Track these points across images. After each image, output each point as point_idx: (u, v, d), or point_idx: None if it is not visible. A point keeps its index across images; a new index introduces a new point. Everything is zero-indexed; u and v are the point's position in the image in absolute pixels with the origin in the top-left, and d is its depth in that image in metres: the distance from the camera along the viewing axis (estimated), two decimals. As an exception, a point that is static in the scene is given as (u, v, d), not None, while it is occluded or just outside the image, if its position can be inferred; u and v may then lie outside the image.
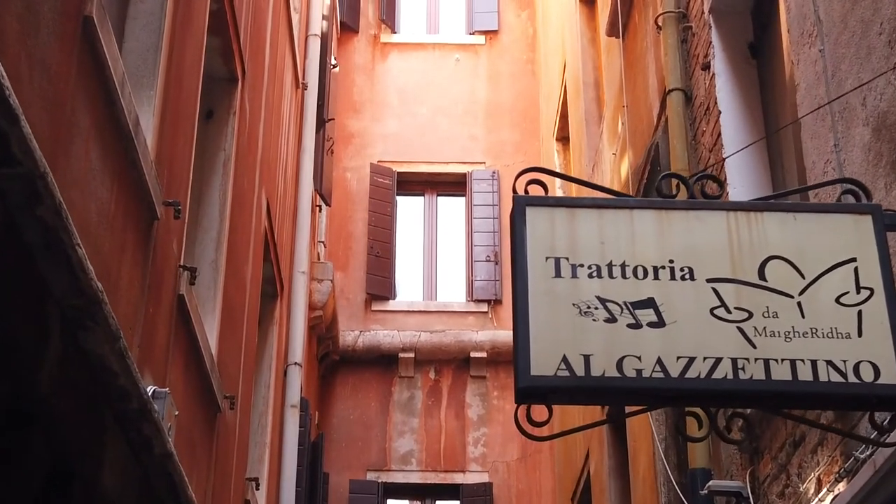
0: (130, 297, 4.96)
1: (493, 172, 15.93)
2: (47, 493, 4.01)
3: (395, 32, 16.99)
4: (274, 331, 10.15)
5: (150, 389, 5.02)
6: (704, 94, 6.96)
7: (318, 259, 13.54)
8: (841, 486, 4.63)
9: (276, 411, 10.15)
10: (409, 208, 16.20)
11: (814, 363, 3.41)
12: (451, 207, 16.23)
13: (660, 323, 3.40)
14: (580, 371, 3.31)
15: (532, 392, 3.32)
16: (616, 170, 9.70)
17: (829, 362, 3.42)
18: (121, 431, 4.63)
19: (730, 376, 3.38)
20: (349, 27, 16.71)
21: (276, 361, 10.10)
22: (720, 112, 6.63)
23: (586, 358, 3.32)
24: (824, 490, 4.84)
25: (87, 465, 4.35)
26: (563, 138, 14.16)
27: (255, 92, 8.62)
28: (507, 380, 14.88)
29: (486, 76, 16.67)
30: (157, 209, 5.29)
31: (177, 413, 5.41)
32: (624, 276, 3.46)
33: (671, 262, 3.50)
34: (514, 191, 3.57)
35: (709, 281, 3.50)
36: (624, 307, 3.42)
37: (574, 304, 3.40)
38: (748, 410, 4.26)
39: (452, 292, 15.61)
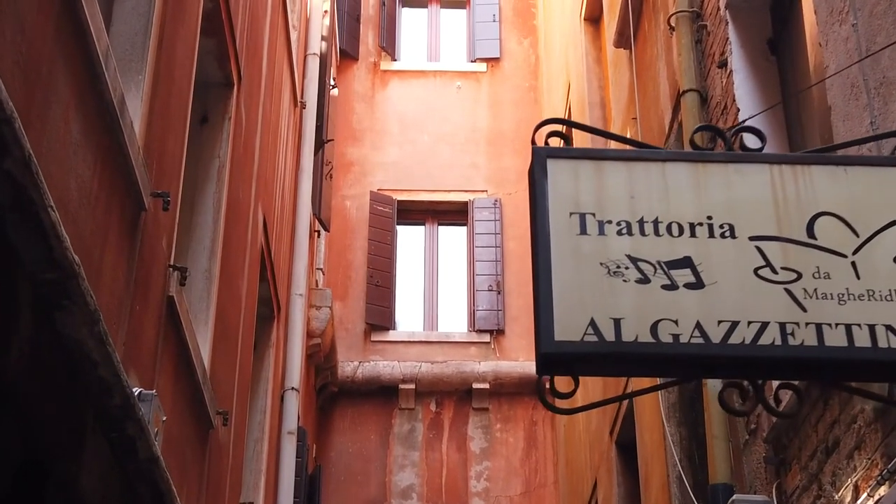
0: (115, 290, 4.62)
1: (496, 200, 15.61)
2: (17, 491, 3.65)
3: (395, 60, 16.72)
4: (270, 354, 9.79)
5: (135, 391, 4.67)
6: (721, 93, 6.64)
7: (317, 286, 13.18)
8: (882, 490, 4.27)
9: (272, 438, 9.77)
10: (409, 237, 15.87)
11: (872, 328, 3.06)
12: (452, 236, 15.90)
13: (698, 284, 3.06)
14: (610, 336, 2.96)
15: (556, 359, 2.97)
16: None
17: (888, 327, 3.07)
18: (101, 430, 4.27)
19: (778, 342, 3.03)
20: (349, 55, 16.44)
21: (272, 385, 9.73)
22: (738, 110, 6.31)
23: (616, 322, 2.98)
24: (863, 496, 4.48)
25: (63, 465, 3.98)
26: (567, 163, 13.82)
27: (252, 100, 8.31)
28: (510, 412, 14.50)
29: (487, 103, 16.39)
30: (144, 199, 4.96)
31: (164, 419, 5.05)
32: (657, 233, 3.12)
33: (709, 218, 3.16)
34: (534, 142, 3.24)
35: (752, 239, 3.16)
36: (657, 267, 3.08)
37: (602, 264, 3.06)
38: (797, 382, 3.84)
39: (454, 322, 15.24)
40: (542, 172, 3.13)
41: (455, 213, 15.80)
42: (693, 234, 3.14)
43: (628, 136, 9.33)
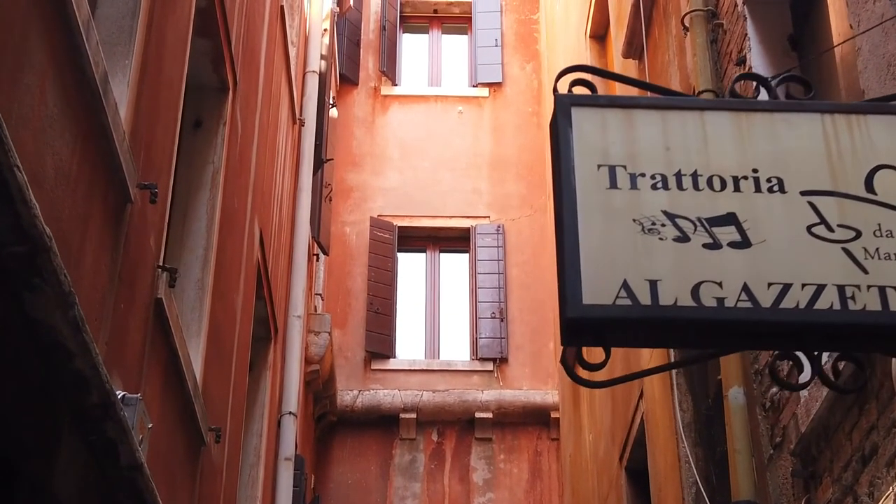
0: (96, 284, 4.28)
1: (499, 226, 15.28)
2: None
3: (395, 85, 16.44)
4: (267, 376, 9.43)
5: (119, 394, 4.31)
6: (740, 93, 6.31)
7: (315, 311, 12.83)
8: (929, 497, 3.91)
9: (268, 464, 9.39)
10: (410, 264, 15.54)
11: (943, 292, 2.72)
12: (453, 263, 15.56)
13: (744, 242, 2.73)
14: (645, 299, 2.63)
15: (584, 325, 2.64)
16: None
17: (961, 290, 2.73)
18: (79, 431, 3.92)
19: (836, 307, 2.69)
20: (349, 79, 16.17)
21: (268, 409, 9.37)
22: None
23: (653, 284, 2.65)
24: (907, 505, 4.12)
25: (36, 466, 3.63)
26: (572, 186, 13.53)
27: (248, 108, 8.01)
28: (514, 442, 14.11)
29: (490, 129, 16.10)
30: (130, 190, 4.63)
31: (150, 426, 4.70)
32: (696, 187, 2.79)
33: (755, 171, 2.83)
34: (556, 90, 2.91)
35: (804, 194, 2.82)
36: (698, 224, 2.75)
37: (635, 221, 2.73)
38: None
39: (456, 350, 14.87)
40: (566, 122, 2.80)
41: (457, 240, 15.47)
42: (737, 189, 2.81)
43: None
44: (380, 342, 14.50)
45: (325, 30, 12.26)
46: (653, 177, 2.80)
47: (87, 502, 4.12)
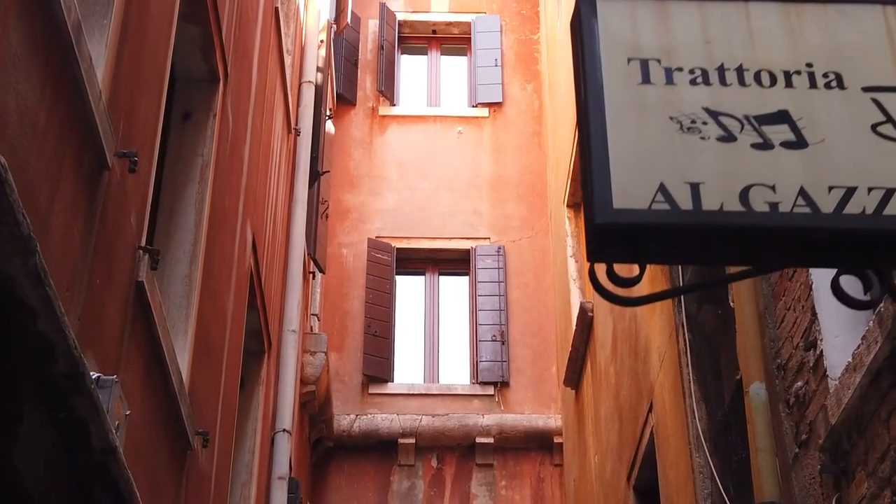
0: (67, 251, 3.92)
1: (499, 248, 14.92)
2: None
3: (393, 105, 16.13)
4: (260, 391, 9.04)
5: (93, 375, 3.94)
6: None
7: (311, 331, 12.45)
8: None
9: (261, 483, 8.98)
10: (409, 287, 15.16)
11: None
12: (453, 286, 15.19)
13: (799, 142, 2.38)
14: (686, 203, 2.27)
15: (615, 233, 2.28)
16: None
17: None
18: (45, 406, 3.55)
19: (909, 213, 2.34)
20: (346, 100, 15.87)
21: (261, 425, 8.96)
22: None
23: (694, 187, 2.29)
24: (956, 492, 3.74)
25: (-6, 440, 3.27)
26: (575, 204, 13.20)
27: (241, 103, 7.67)
28: (516, 468, 13.68)
29: (490, 149, 15.77)
30: (106, 156, 4.28)
31: (128, 413, 4.32)
32: (742, 82, 2.44)
33: (809, 66, 2.49)
34: (578, -16, 2.57)
35: (866, 90, 2.48)
36: (745, 122, 2.40)
37: (672, 119, 2.38)
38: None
39: (456, 374, 14.46)
40: (591, 12, 2.44)
41: (456, 262, 15.10)
42: (789, 84, 2.47)
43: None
44: (378, 365, 14.10)
45: (322, 41, 11.96)
46: (691, 71, 2.45)
47: (56, 492, 3.75)
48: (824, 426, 4.93)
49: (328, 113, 12.44)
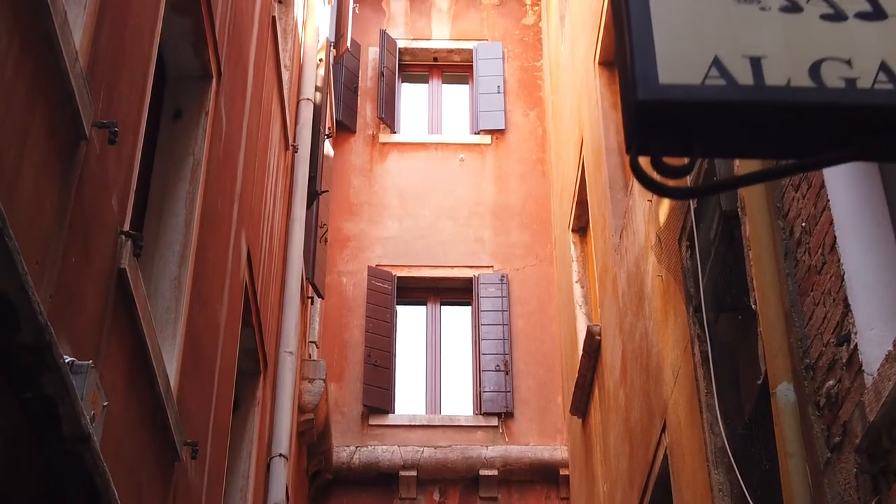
0: (37, 219, 3.57)
1: (502, 276, 14.56)
2: None
3: (394, 132, 15.83)
4: (255, 413, 8.65)
5: (67, 360, 3.58)
6: None
7: (310, 359, 12.07)
8: None
9: (256, 509, 8.58)
10: (410, 316, 14.79)
11: None
12: (455, 315, 14.82)
13: (877, 13, 2.03)
14: (746, 79, 1.92)
15: (662, 113, 1.92)
16: (653, 218, 8.38)
17: None
18: (9, 382, 3.19)
19: None
20: (346, 127, 15.58)
21: (256, 449, 8.57)
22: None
23: (755, 61, 1.94)
24: None
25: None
26: (580, 228, 12.88)
27: (235, 103, 7.35)
28: (520, 501, 13.25)
29: (492, 177, 15.46)
30: (84, 125, 3.94)
31: (105, 404, 3.96)
32: (805, -53, 2.10)
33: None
34: None
35: (951, -45, 2.14)
36: (811, -9, 2.06)
37: (726, -15, 2.05)
38: None
39: (458, 405, 14.06)
40: None
41: (458, 291, 14.73)
42: (861, -50, 2.14)
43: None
44: (378, 396, 13.71)
45: (321, 60, 11.68)
46: (748, -67, 2.11)
47: (22, 481, 3.38)
48: (861, 424, 4.56)
49: (327, 132, 12.12)
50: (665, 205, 7.98)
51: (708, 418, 6.98)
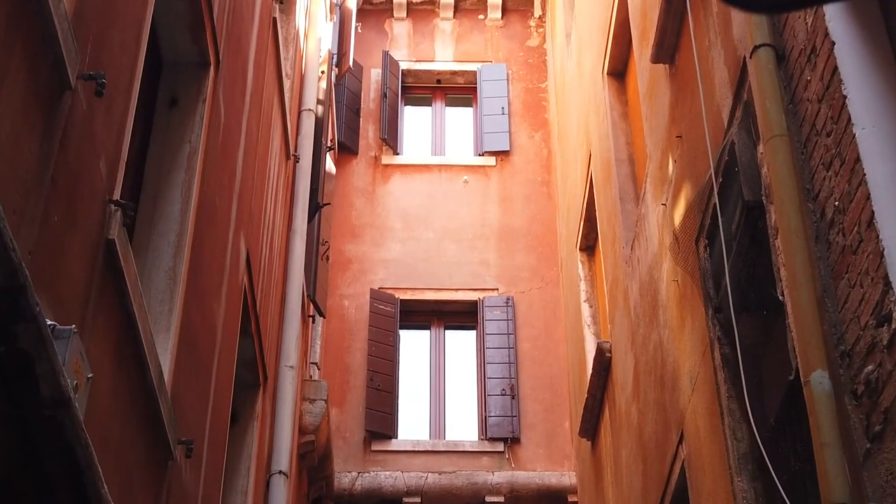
0: (15, 163, 3.27)
1: (508, 299, 14.23)
2: None
3: (397, 153, 15.54)
4: (254, 427, 8.30)
5: (49, 324, 3.26)
6: (805, 38, 5.39)
7: (311, 379, 11.73)
8: None
9: (255, 528, 8.21)
10: (413, 339, 14.44)
11: None
12: (459, 338, 14.47)
13: None
14: None
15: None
16: (668, 222, 8.08)
17: None
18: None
19: None
20: (348, 149, 15.31)
21: (255, 465, 8.22)
22: (833, 43, 5.05)
23: None
24: None
25: None
26: (588, 247, 12.57)
27: (235, 94, 7.06)
28: (527, 528, 12.85)
29: (497, 198, 15.16)
30: (69, 75, 3.65)
31: (90, 376, 3.63)
32: None
33: None
34: None
35: None
36: None
37: None
38: None
39: (463, 430, 13.68)
40: None
41: (463, 315, 14.40)
42: None
43: (670, 163, 8.06)
44: (381, 421, 13.34)
45: (323, 72, 11.42)
46: None
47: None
48: (905, 409, 4.23)
49: (329, 145, 11.84)
50: (681, 206, 7.68)
51: (730, 423, 6.65)
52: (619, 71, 10.82)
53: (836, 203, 4.95)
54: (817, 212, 5.21)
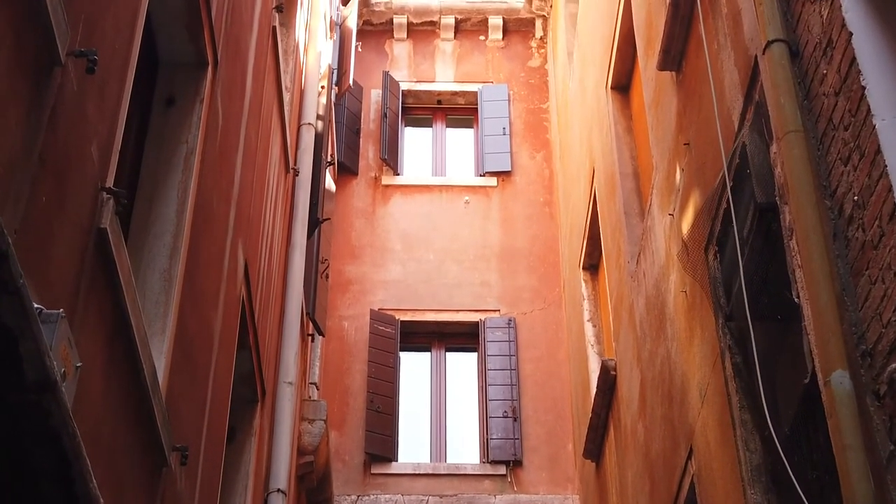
0: (3, 138, 3.09)
1: (509, 320, 14.04)
2: None
3: (397, 174, 15.39)
4: (251, 443, 8.10)
5: (35, 307, 3.08)
6: (821, 31, 5.23)
7: (310, 399, 11.52)
8: None
9: (252, 548, 7.99)
10: (414, 362, 14.24)
11: None
12: (460, 360, 14.27)
13: None
14: None
15: None
16: (675, 233, 7.91)
17: None
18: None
19: None
20: (348, 169, 15.15)
21: (253, 482, 8.01)
22: (851, 33, 4.89)
23: None
24: None
25: None
26: (591, 266, 12.40)
27: (233, 96, 6.90)
28: (530, 553, 12.62)
29: (499, 219, 14.99)
30: (59, 51, 3.48)
31: (79, 365, 3.44)
32: None
33: None
34: None
35: None
36: None
37: None
38: None
39: (464, 453, 13.46)
40: None
41: (464, 336, 14.20)
42: None
43: (678, 172, 7.89)
44: (381, 444, 13.12)
45: (323, 87, 11.28)
46: None
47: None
48: (931, 408, 4.05)
49: (328, 160, 11.69)
50: (689, 214, 7.51)
51: (742, 434, 6.45)
52: (622, 84, 10.68)
53: (856, 198, 4.79)
54: (835, 209, 5.04)
